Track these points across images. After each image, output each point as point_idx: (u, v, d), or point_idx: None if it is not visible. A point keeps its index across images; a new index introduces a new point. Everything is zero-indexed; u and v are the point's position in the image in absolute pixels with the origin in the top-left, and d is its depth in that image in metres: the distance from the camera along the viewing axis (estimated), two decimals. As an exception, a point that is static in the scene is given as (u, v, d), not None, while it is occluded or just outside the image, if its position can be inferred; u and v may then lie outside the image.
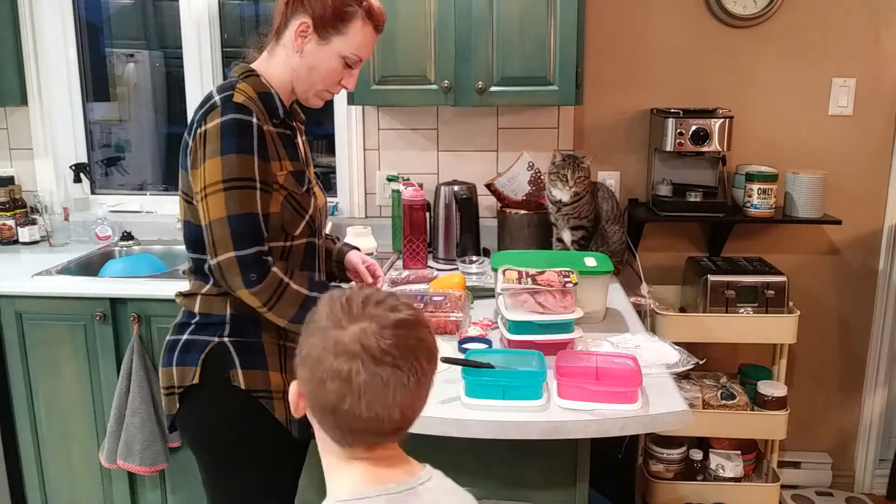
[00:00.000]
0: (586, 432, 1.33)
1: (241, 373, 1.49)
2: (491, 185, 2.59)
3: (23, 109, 2.83)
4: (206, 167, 1.38)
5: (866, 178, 2.63)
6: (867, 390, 2.78)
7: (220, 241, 1.38)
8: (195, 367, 1.49)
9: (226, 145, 1.38)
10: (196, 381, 1.48)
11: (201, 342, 1.50)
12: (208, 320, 1.51)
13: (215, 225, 1.38)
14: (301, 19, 1.46)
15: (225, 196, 1.38)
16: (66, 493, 2.41)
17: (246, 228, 1.39)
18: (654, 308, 2.37)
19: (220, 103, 1.40)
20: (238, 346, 1.50)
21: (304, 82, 1.51)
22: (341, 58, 1.49)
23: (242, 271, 1.38)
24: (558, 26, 2.24)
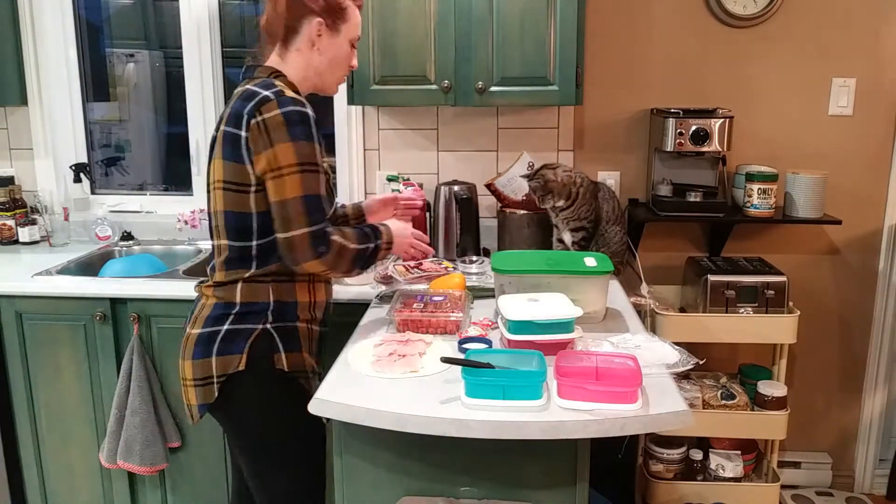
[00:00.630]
0: (586, 432, 1.33)
1: (285, 356, 1.61)
2: (491, 185, 2.59)
3: (23, 109, 2.83)
4: (278, 151, 1.51)
5: (866, 178, 2.63)
6: (867, 390, 2.78)
7: (296, 217, 1.52)
8: (241, 354, 1.58)
9: (295, 133, 1.51)
10: (242, 367, 1.57)
11: (246, 331, 1.59)
12: (251, 308, 1.60)
13: (291, 203, 1.52)
14: (314, 19, 1.62)
15: (301, 178, 1.52)
16: (66, 493, 2.42)
17: (316, 207, 1.54)
18: (654, 308, 2.37)
19: (273, 97, 1.53)
20: (280, 331, 1.61)
21: (329, 74, 1.69)
22: (349, 41, 1.70)
23: (313, 244, 1.53)
24: (558, 26, 2.24)
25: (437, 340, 1.70)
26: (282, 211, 1.53)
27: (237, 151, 1.54)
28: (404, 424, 1.35)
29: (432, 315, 1.75)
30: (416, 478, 1.45)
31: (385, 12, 2.28)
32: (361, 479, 1.48)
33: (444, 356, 1.48)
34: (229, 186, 1.56)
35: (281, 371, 1.61)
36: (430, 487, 1.45)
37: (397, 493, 1.46)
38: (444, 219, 2.50)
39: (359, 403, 1.38)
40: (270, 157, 1.51)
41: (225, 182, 1.57)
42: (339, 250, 1.57)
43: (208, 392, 1.60)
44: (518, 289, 1.81)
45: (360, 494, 1.48)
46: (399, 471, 1.46)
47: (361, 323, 1.87)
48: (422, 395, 1.42)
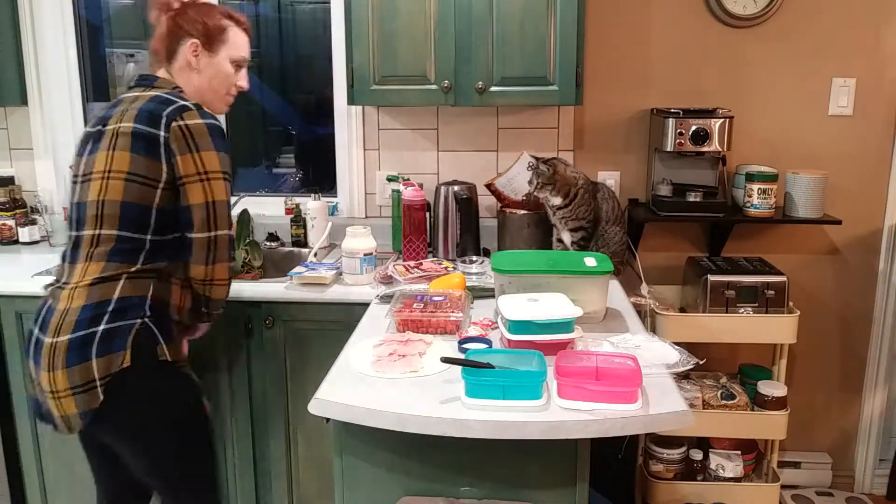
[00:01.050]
0: (586, 432, 1.33)
1: (166, 347, 1.64)
2: (491, 185, 2.59)
3: (23, 109, 2.83)
4: (204, 157, 1.62)
5: (866, 178, 2.63)
6: (867, 390, 2.78)
7: (222, 220, 1.66)
8: (124, 350, 1.57)
9: (217, 144, 1.65)
10: (127, 363, 1.56)
11: (125, 326, 1.58)
12: (128, 303, 1.60)
13: (218, 205, 1.65)
14: (189, 41, 1.75)
15: (224, 185, 1.66)
16: (66, 493, 2.41)
17: (229, 214, 1.69)
18: (654, 308, 2.37)
19: (193, 107, 1.65)
20: (157, 324, 1.63)
21: (209, 92, 1.79)
22: (232, 62, 1.81)
23: (230, 245, 1.69)
24: (558, 26, 2.24)
25: (437, 340, 1.70)
26: (206, 212, 1.63)
27: (153, 149, 1.60)
28: (404, 424, 1.35)
29: (432, 315, 1.75)
30: (416, 478, 1.45)
31: (385, 12, 2.28)
32: (361, 479, 1.48)
33: (444, 356, 1.48)
34: (135, 178, 1.60)
35: (165, 361, 1.63)
36: (430, 487, 1.45)
37: (397, 493, 1.46)
38: (444, 219, 2.50)
39: (359, 403, 1.38)
40: (197, 161, 1.62)
41: (129, 174, 1.60)
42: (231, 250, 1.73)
43: (92, 397, 1.55)
44: (518, 288, 1.81)
45: (360, 494, 1.48)
46: (399, 471, 1.46)
47: (361, 323, 1.87)
48: (422, 395, 1.42)
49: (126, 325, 1.58)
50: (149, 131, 1.60)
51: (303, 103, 3.07)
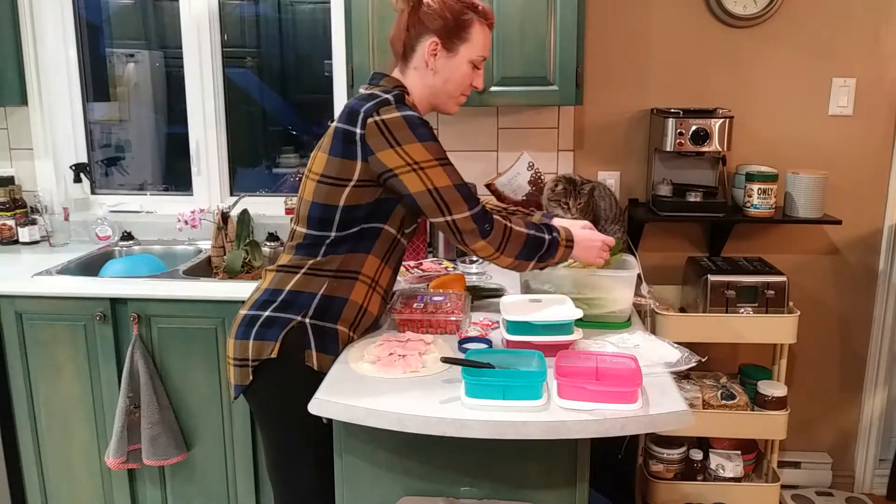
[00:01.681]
0: (586, 432, 1.33)
1: (316, 354, 1.60)
2: (491, 185, 2.59)
3: (23, 109, 2.83)
4: (408, 150, 1.55)
5: (866, 178, 2.63)
6: (867, 390, 2.78)
7: (454, 203, 1.57)
8: (275, 342, 1.59)
9: (421, 134, 1.56)
10: (274, 355, 1.59)
11: (283, 319, 1.60)
12: (296, 298, 1.62)
13: (444, 191, 1.56)
14: (429, 39, 1.62)
15: (444, 169, 1.57)
16: (67, 493, 2.41)
17: (467, 192, 1.59)
18: (654, 308, 2.37)
19: (393, 100, 1.57)
20: (316, 328, 1.61)
21: (443, 94, 1.69)
22: (470, 62, 1.67)
23: (478, 224, 1.58)
24: (558, 26, 2.24)
25: (437, 340, 1.70)
26: (431, 199, 1.57)
27: (349, 147, 1.57)
28: (404, 424, 1.35)
29: (432, 315, 1.75)
30: (416, 478, 1.45)
31: (385, 12, 2.28)
32: (361, 479, 1.48)
33: (444, 356, 1.48)
34: (325, 181, 1.60)
35: (310, 369, 1.60)
36: (430, 487, 1.45)
37: (397, 493, 1.46)
38: (444, 219, 2.50)
39: (359, 403, 1.38)
40: (402, 154, 1.55)
41: (323, 176, 1.60)
42: (504, 230, 1.60)
43: (244, 374, 1.62)
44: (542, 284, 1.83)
45: (360, 494, 1.48)
46: (399, 471, 1.46)
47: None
48: (422, 395, 1.42)
49: (284, 318, 1.60)
50: (347, 129, 1.58)
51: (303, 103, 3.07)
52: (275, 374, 1.62)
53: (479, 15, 1.65)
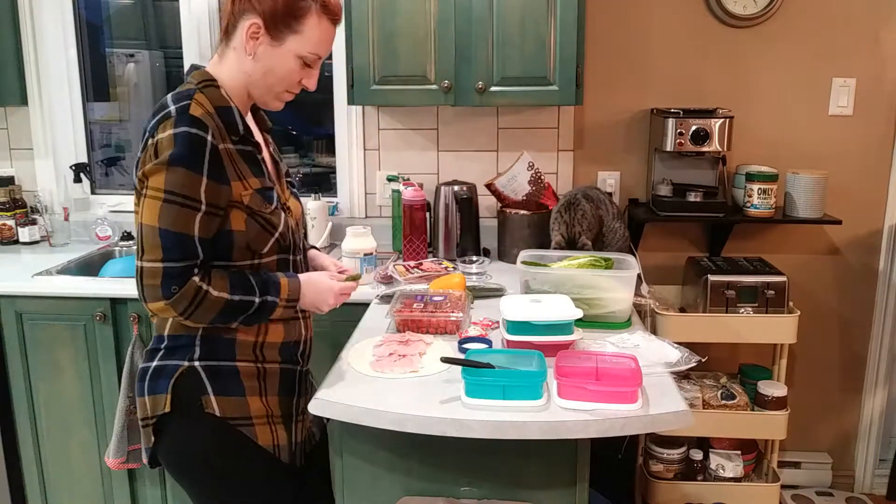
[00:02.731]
0: (586, 432, 1.33)
1: (215, 399, 1.41)
2: (491, 185, 2.59)
3: (23, 109, 2.83)
4: (152, 170, 1.31)
5: (866, 178, 2.63)
6: (867, 390, 2.78)
7: (150, 248, 1.31)
8: (165, 394, 1.40)
9: (175, 156, 1.29)
10: (167, 409, 1.40)
11: (170, 367, 1.42)
12: (177, 343, 1.43)
13: (147, 230, 1.32)
14: (250, 20, 1.36)
15: (162, 206, 1.30)
16: (67, 493, 2.41)
17: (175, 245, 1.31)
18: (654, 308, 2.37)
19: (174, 114, 1.31)
20: (209, 370, 1.41)
21: (261, 86, 1.43)
22: (298, 58, 1.40)
23: (164, 282, 1.31)
24: (558, 26, 2.24)
25: (437, 340, 1.70)
26: (138, 234, 1.33)
27: (135, 172, 1.36)
28: (404, 424, 1.35)
29: (432, 315, 1.75)
30: (416, 478, 1.45)
31: (385, 12, 2.28)
32: (361, 479, 1.48)
33: (443, 356, 1.48)
34: None
35: (213, 416, 1.40)
36: (430, 487, 1.45)
37: (397, 493, 1.46)
38: (444, 219, 2.50)
39: (359, 403, 1.38)
40: (148, 173, 1.31)
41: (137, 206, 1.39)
42: (195, 294, 1.33)
43: (147, 434, 1.44)
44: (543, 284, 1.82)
45: (360, 494, 1.48)
46: (399, 471, 1.46)
47: (361, 323, 1.87)
48: (422, 395, 1.42)
49: (171, 365, 1.41)
50: (140, 152, 1.35)
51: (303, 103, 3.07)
52: (175, 429, 1.42)
53: (319, 6, 1.38)
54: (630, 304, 1.84)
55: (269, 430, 1.46)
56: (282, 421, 1.49)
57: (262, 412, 1.45)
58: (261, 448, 1.44)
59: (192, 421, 1.41)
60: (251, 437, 1.43)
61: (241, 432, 1.42)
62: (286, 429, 1.50)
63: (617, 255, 1.96)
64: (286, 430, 1.50)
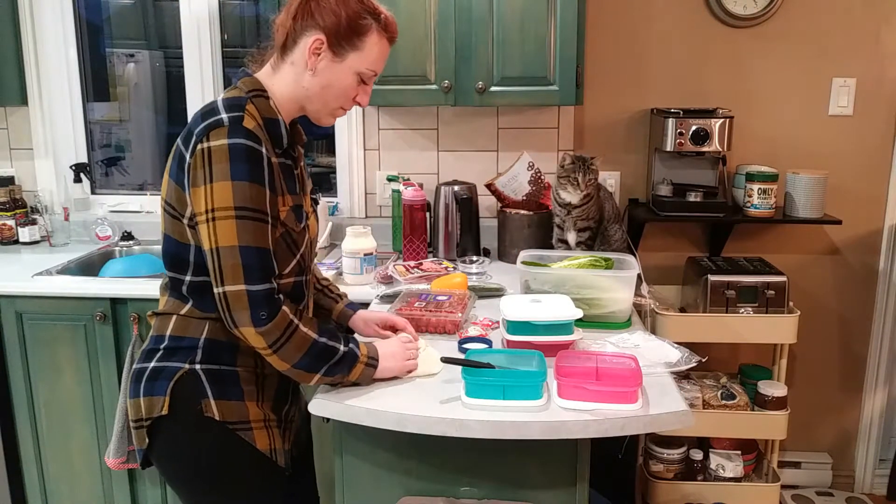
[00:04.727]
0: (586, 432, 1.33)
1: (215, 403, 1.39)
2: (491, 185, 2.59)
3: (23, 109, 2.83)
4: (215, 189, 1.28)
5: (866, 178, 2.63)
6: (867, 390, 2.78)
7: (231, 271, 1.28)
8: (164, 396, 1.38)
9: (237, 171, 1.28)
10: (165, 411, 1.38)
11: (170, 369, 1.40)
12: (179, 344, 1.41)
13: (225, 252, 1.28)
14: (314, 35, 1.37)
15: (237, 224, 1.28)
16: (67, 493, 2.41)
17: (259, 262, 1.30)
18: (654, 308, 2.37)
19: (227, 122, 1.30)
20: (210, 374, 1.40)
21: (318, 101, 1.43)
22: (357, 74, 1.42)
23: (252, 307, 1.29)
24: (558, 26, 2.24)
25: (437, 340, 1.70)
26: (214, 260, 1.30)
27: (178, 174, 1.34)
28: (404, 424, 1.35)
29: (432, 315, 1.75)
30: (416, 478, 1.45)
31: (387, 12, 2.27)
32: (361, 479, 1.48)
33: (444, 356, 1.48)
34: (169, 210, 1.38)
35: (211, 419, 1.39)
36: (430, 487, 1.45)
37: (397, 493, 1.46)
38: (444, 219, 2.50)
39: (359, 403, 1.38)
40: (207, 195, 1.28)
41: (166, 203, 1.38)
42: (287, 327, 1.32)
43: (140, 436, 1.42)
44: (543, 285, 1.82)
45: (360, 494, 1.48)
46: (399, 471, 1.46)
47: (361, 323, 1.87)
48: (422, 395, 1.42)
49: (171, 367, 1.40)
50: (181, 150, 1.34)
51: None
52: (172, 432, 1.40)
53: (380, 24, 1.40)
54: (630, 304, 1.84)
55: (267, 435, 1.45)
56: (277, 425, 1.49)
57: (260, 416, 1.45)
58: (259, 452, 1.44)
59: (190, 424, 1.40)
60: (250, 441, 1.43)
61: (239, 436, 1.42)
62: (281, 433, 1.50)
63: (617, 255, 1.96)
64: (281, 434, 1.50)
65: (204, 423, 1.39)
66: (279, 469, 1.48)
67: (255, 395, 1.45)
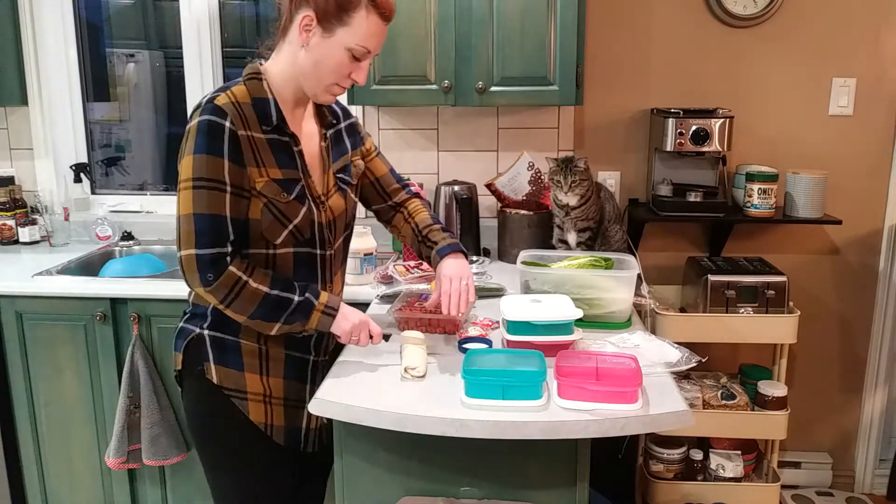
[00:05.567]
0: (586, 432, 1.33)
1: (214, 367, 1.53)
2: (491, 185, 2.59)
3: (23, 109, 2.83)
4: (183, 163, 1.41)
5: (866, 178, 2.63)
6: (867, 390, 2.78)
7: (185, 237, 1.40)
8: (179, 353, 1.56)
9: (198, 145, 1.39)
10: (179, 367, 1.57)
11: (187, 330, 1.56)
12: (196, 311, 1.56)
13: (183, 220, 1.40)
14: (304, 13, 1.42)
15: (194, 194, 1.39)
16: (67, 492, 2.42)
17: (208, 228, 1.40)
18: (654, 308, 2.37)
19: (203, 103, 1.42)
20: (214, 340, 1.53)
21: (312, 78, 1.47)
22: (347, 50, 1.44)
23: (200, 269, 1.40)
24: (558, 26, 2.24)
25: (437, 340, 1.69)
26: (176, 228, 1.42)
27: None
28: (404, 424, 1.35)
29: (432, 315, 1.75)
30: (416, 478, 1.45)
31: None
32: (361, 479, 1.48)
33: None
34: None
35: (210, 381, 1.53)
36: (430, 487, 1.45)
37: (397, 493, 1.46)
38: (444, 219, 2.50)
39: (359, 403, 1.38)
40: (181, 170, 1.42)
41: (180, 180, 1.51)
42: (235, 284, 1.41)
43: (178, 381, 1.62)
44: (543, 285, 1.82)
45: (360, 494, 1.48)
46: (399, 471, 1.46)
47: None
48: (422, 395, 1.42)
49: (188, 329, 1.56)
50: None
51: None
52: (185, 387, 1.59)
53: (368, 1, 1.43)
54: (630, 304, 1.84)
55: (264, 409, 1.55)
56: (282, 403, 1.58)
57: (259, 390, 1.55)
58: (250, 423, 1.54)
59: (194, 382, 1.55)
60: (243, 410, 1.53)
61: (233, 403, 1.53)
62: (287, 412, 1.58)
63: (617, 255, 1.96)
64: (286, 413, 1.58)
65: (205, 384, 1.53)
66: (277, 445, 1.56)
67: (256, 369, 1.55)
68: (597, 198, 2.30)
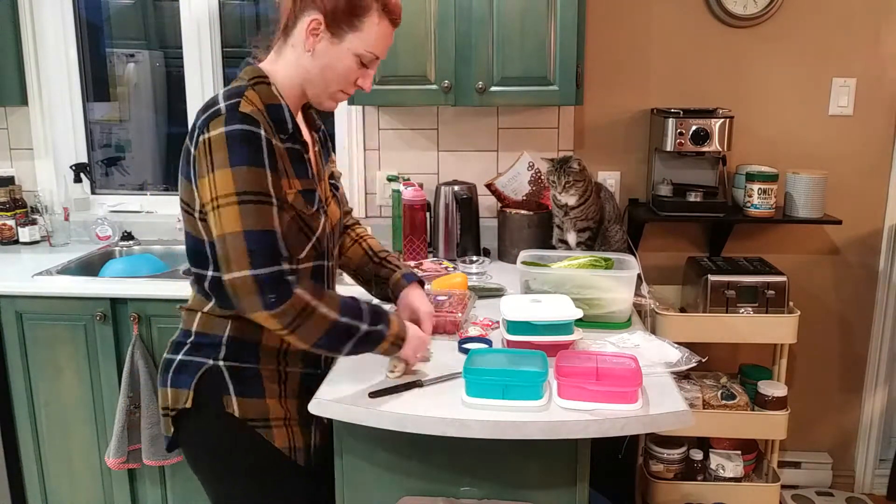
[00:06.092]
0: (586, 432, 1.33)
1: (236, 400, 1.42)
2: (491, 185, 2.59)
3: (23, 109, 2.83)
4: (217, 177, 1.27)
5: (866, 178, 2.63)
6: (867, 390, 2.78)
7: (236, 257, 1.26)
8: (188, 390, 1.41)
9: (235, 157, 1.27)
10: (188, 405, 1.41)
11: (195, 364, 1.42)
12: (204, 340, 1.43)
13: (230, 239, 1.26)
14: (312, 16, 1.35)
15: (241, 209, 1.26)
16: (67, 492, 2.41)
17: (263, 245, 1.27)
18: (654, 308, 2.37)
19: (224, 111, 1.30)
20: (233, 371, 1.42)
21: (318, 84, 1.41)
22: (356, 56, 1.39)
23: (260, 292, 1.26)
24: (558, 26, 2.24)
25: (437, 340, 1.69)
26: (221, 248, 1.28)
27: (186, 169, 1.35)
28: (404, 424, 1.35)
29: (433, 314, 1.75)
30: (416, 478, 1.45)
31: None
32: (361, 479, 1.48)
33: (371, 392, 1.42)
34: (184, 207, 1.39)
35: (231, 416, 1.41)
36: (430, 487, 1.45)
37: (397, 493, 1.46)
38: (444, 219, 2.50)
39: (359, 403, 1.38)
40: (209, 184, 1.28)
41: (182, 201, 1.39)
42: (303, 309, 1.29)
43: (166, 424, 1.47)
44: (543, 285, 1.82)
45: (360, 494, 1.48)
46: (399, 471, 1.46)
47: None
48: (422, 394, 1.42)
49: (196, 362, 1.42)
50: (188, 148, 1.35)
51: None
52: (195, 424, 1.44)
53: (380, 5, 1.38)
54: (630, 304, 1.84)
55: (286, 433, 1.47)
56: (298, 423, 1.49)
57: (280, 414, 1.46)
58: (277, 450, 1.45)
59: (211, 418, 1.43)
60: (269, 439, 1.44)
61: (258, 433, 1.43)
62: (303, 431, 1.51)
63: (617, 255, 1.96)
64: (303, 432, 1.50)
65: (225, 419, 1.42)
66: (299, 468, 1.49)
67: (276, 393, 1.47)
68: (596, 198, 2.30)
